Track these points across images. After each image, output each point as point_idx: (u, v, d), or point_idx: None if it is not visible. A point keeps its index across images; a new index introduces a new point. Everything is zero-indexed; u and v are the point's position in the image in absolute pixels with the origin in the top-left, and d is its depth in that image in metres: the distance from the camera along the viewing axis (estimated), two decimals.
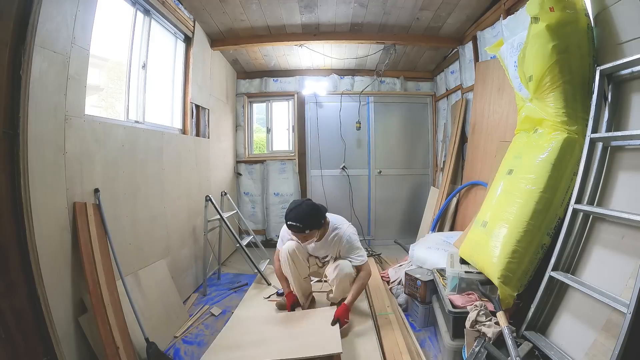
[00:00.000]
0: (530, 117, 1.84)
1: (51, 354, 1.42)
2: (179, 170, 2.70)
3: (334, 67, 4.33)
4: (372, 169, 4.36)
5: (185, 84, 2.98)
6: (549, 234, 1.63)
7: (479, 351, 1.44)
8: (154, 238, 2.29)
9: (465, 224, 2.83)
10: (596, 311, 1.30)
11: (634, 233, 1.27)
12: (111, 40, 2.15)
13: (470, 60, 3.25)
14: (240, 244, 2.85)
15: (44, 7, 1.38)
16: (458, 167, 3.50)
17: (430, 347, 1.96)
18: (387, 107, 4.36)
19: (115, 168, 1.91)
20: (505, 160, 2.01)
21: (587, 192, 1.50)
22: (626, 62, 1.35)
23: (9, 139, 1.34)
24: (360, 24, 3.20)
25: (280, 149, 4.60)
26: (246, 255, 2.81)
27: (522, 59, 1.79)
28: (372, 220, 4.40)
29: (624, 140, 1.40)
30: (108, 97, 2.58)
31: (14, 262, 1.34)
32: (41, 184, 1.42)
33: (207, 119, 3.35)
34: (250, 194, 4.46)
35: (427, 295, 2.15)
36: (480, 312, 1.58)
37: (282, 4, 2.82)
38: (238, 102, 4.43)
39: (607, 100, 1.49)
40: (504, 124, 2.59)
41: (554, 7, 1.60)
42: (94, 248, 1.64)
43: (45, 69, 1.43)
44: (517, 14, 2.29)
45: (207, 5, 2.80)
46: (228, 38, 3.42)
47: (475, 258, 1.87)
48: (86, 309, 1.59)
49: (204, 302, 2.63)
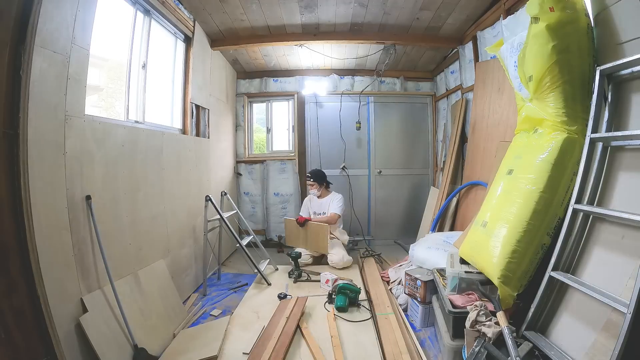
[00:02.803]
0: (530, 117, 1.84)
1: (51, 354, 1.42)
2: (179, 170, 2.70)
3: (334, 67, 4.34)
4: (372, 169, 4.36)
5: (185, 84, 2.98)
6: (549, 234, 1.63)
7: (479, 351, 1.44)
8: (153, 238, 2.29)
9: (465, 224, 2.83)
10: (596, 311, 1.30)
11: (634, 233, 1.27)
12: (111, 40, 2.15)
13: (470, 60, 3.25)
14: (240, 244, 2.86)
15: (44, 7, 1.38)
16: (458, 167, 3.50)
17: (430, 347, 1.96)
18: (387, 107, 4.36)
19: (115, 168, 1.91)
20: (505, 160, 2.01)
21: (587, 192, 1.50)
22: (626, 62, 1.35)
23: (9, 139, 1.33)
24: (360, 24, 3.20)
25: (280, 149, 4.60)
26: (246, 255, 2.81)
27: (522, 59, 1.79)
28: (372, 220, 4.40)
29: (624, 140, 1.40)
30: (108, 97, 2.57)
31: (14, 262, 1.34)
32: (41, 184, 1.42)
33: (207, 119, 3.35)
34: (250, 194, 4.46)
35: (427, 295, 2.15)
36: (480, 312, 1.59)
37: (282, 4, 2.82)
38: (238, 102, 4.43)
39: (607, 100, 1.49)
40: (504, 124, 2.59)
41: (554, 7, 1.60)
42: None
43: (45, 69, 1.43)
44: (517, 14, 2.29)
45: (207, 5, 2.80)
46: (228, 38, 3.42)
47: (475, 258, 1.87)
48: (86, 309, 1.59)
49: (204, 302, 2.63)
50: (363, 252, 3.76)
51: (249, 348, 1.89)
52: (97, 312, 1.66)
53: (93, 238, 1.71)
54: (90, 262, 1.70)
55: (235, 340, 1.99)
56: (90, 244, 1.70)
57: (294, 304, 2.33)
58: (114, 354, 1.64)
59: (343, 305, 2.32)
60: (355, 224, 4.21)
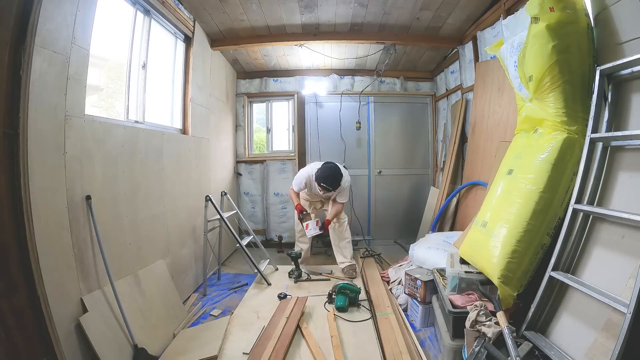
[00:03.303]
0: (530, 117, 1.84)
1: (51, 354, 1.42)
2: (179, 170, 2.70)
3: (334, 67, 4.33)
4: (372, 169, 4.36)
5: (185, 84, 2.98)
6: (549, 234, 1.63)
7: (479, 351, 1.44)
8: (154, 238, 2.29)
9: (465, 224, 2.83)
10: (596, 311, 1.30)
11: (634, 233, 1.27)
12: (111, 40, 2.15)
13: (470, 60, 3.25)
14: (240, 244, 2.85)
15: (44, 7, 1.38)
16: (458, 167, 3.50)
17: (430, 347, 1.96)
18: (387, 107, 4.36)
19: (115, 168, 1.91)
20: (505, 160, 2.01)
21: (587, 192, 1.50)
22: (626, 62, 1.35)
23: (9, 139, 1.33)
24: (360, 24, 3.20)
25: (280, 149, 4.60)
26: (246, 255, 2.81)
27: (522, 59, 1.79)
28: (372, 220, 4.40)
29: (624, 140, 1.40)
30: (108, 97, 2.57)
31: (14, 262, 1.34)
32: (41, 184, 1.42)
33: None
34: (250, 194, 4.46)
35: (427, 295, 2.15)
36: (480, 312, 1.59)
37: (282, 4, 2.82)
38: (238, 102, 4.43)
39: (607, 100, 1.49)
40: (504, 124, 2.59)
41: (554, 7, 1.60)
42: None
43: (45, 69, 1.43)
44: (517, 14, 2.29)
45: (207, 5, 2.80)
46: (228, 38, 3.42)
47: (475, 258, 1.87)
48: (86, 309, 1.59)
49: (204, 302, 2.63)
50: (363, 252, 3.76)
51: (249, 348, 1.89)
52: (97, 312, 1.66)
53: (93, 238, 1.71)
54: (90, 262, 1.70)
55: (235, 340, 1.99)
56: (91, 244, 1.70)
57: (294, 304, 2.33)
58: (114, 354, 1.64)
59: (343, 305, 2.32)
60: (355, 224, 4.20)
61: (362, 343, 1.95)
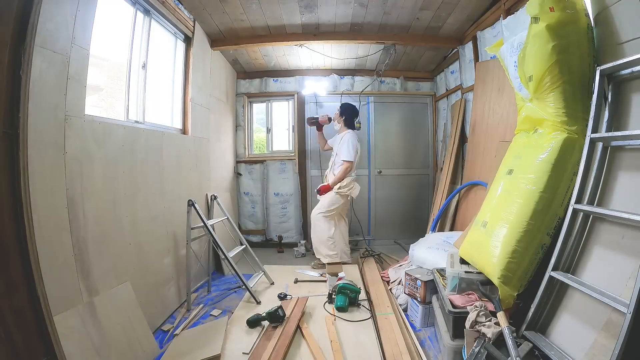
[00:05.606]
0: (530, 117, 1.84)
1: (51, 354, 1.42)
2: (179, 170, 2.70)
3: (334, 67, 4.33)
4: (372, 169, 4.36)
5: (185, 84, 2.98)
6: (549, 234, 1.63)
7: (479, 351, 1.44)
8: (154, 238, 2.29)
9: (465, 224, 2.83)
10: (596, 311, 1.30)
11: (634, 233, 1.27)
12: (111, 40, 2.15)
13: (470, 60, 3.25)
14: (226, 256, 2.53)
15: (44, 7, 1.38)
16: (458, 167, 3.50)
17: (430, 347, 1.96)
18: (387, 107, 4.36)
19: (115, 168, 1.91)
20: (505, 160, 2.01)
21: (587, 192, 1.50)
22: (626, 62, 1.35)
23: (9, 139, 1.33)
24: (360, 24, 3.20)
25: (280, 149, 4.60)
26: (233, 269, 2.50)
27: (522, 59, 1.79)
28: (372, 220, 4.40)
29: (624, 140, 1.40)
30: (108, 97, 2.57)
31: (14, 262, 1.34)
32: (41, 184, 1.42)
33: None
34: (250, 194, 4.46)
35: (427, 295, 2.15)
36: (480, 312, 1.59)
37: (282, 4, 2.82)
38: (238, 102, 4.43)
39: (607, 100, 1.49)
40: (504, 124, 2.59)
41: (554, 7, 1.60)
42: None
43: (45, 69, 1.43)
44: (517, 14, 2.29)
45: (207, 5, 2.80)
46: (228, 38, 3.42)
47: (475, 258, 1.87)
48: None
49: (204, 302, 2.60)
50: (363, 252, 3.76)
51: (249, 348, 1.90)
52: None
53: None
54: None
55: (235, 341, 1.99)
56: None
57: (294, 304, 2.33)
58: None
59: (343, 305, 2.32)
60: (355, 224, 4.21)
61: (362, 343, 1.95)
